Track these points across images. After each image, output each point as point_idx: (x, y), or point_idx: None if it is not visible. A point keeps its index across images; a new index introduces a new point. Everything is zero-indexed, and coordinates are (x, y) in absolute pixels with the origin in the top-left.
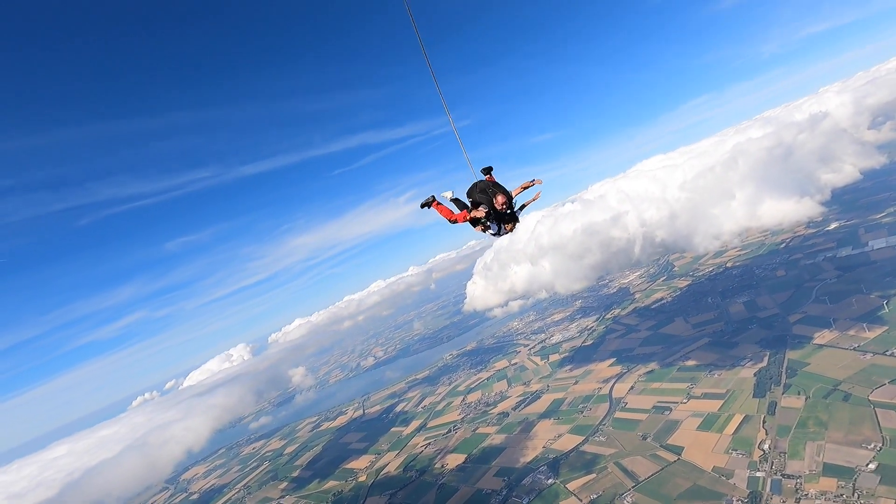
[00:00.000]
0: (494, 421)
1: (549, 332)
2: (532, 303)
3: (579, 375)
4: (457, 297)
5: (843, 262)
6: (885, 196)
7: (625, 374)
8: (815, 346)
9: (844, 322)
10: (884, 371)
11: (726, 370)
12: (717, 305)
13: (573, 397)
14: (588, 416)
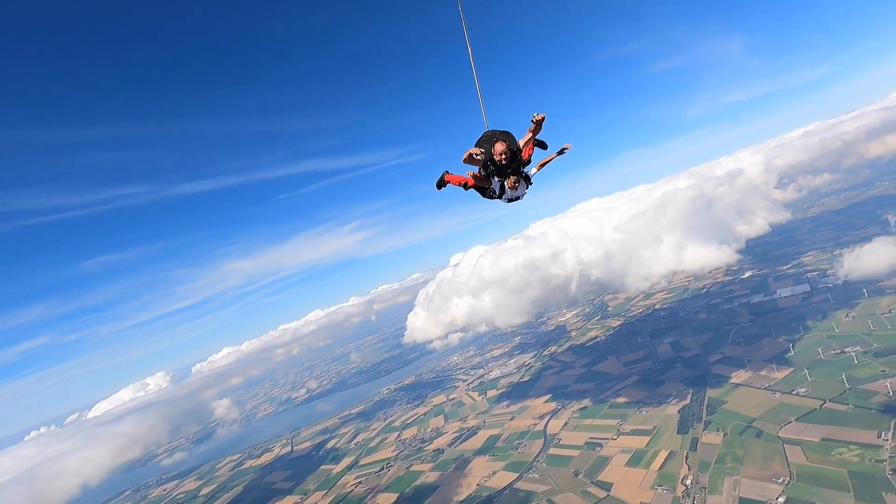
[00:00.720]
0: (429, 458)
1: (488, 367)
2: (472, 336)
3: (516, 411)
4: (398, 329)
5: (755, 307)
6: (789, 250)
7: (559, 411)
8: (732, 385)
9: (757, 363)
10: (790, 409)
11: (653, 407)
12: (646, 345)
13: (509, 433)
14: (523, 452)
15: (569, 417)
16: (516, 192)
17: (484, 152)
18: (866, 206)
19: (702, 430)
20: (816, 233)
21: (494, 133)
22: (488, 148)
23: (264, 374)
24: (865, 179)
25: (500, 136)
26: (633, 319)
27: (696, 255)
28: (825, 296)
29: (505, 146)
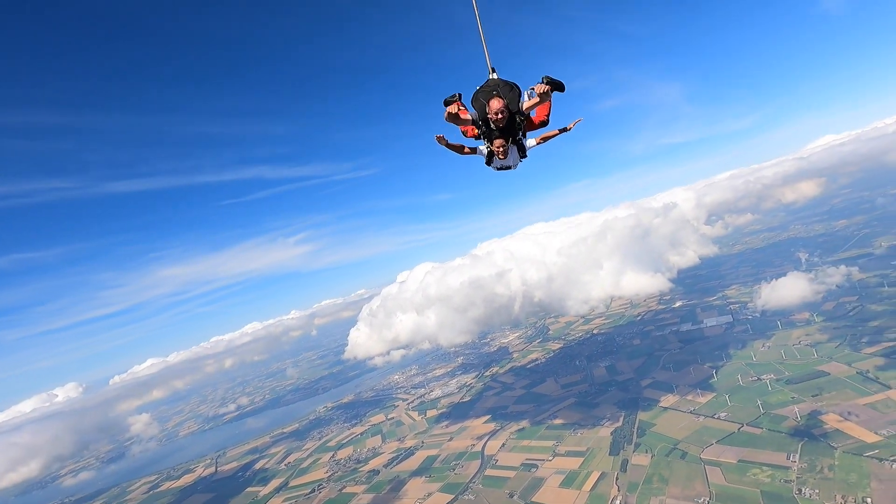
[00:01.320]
0: (364, 479)
1: (430, 386)
2: (415, 354)
3: (455, 432)
4: (339, 345)
5: (684, 335)
6: (715, 283)
7: (498, 432)
8: (661, 409)
9: (684, 388)
10: (712, 432)
11: (588, 429)
12: (583, 368)
13: (447, 454)
14: (460, 473)
15: (507, 438)
16: (507, 160)
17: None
18: (782, 247)
19: (632, 451)
20: (739, 268)
21: (497, 84)
22: (483, 104)
23: (191, 389)
24: (781, 222)
25: (503, 88)
26: (573, 343)
27: (633, 282)
28: (745, 327)
29: (503, 104)
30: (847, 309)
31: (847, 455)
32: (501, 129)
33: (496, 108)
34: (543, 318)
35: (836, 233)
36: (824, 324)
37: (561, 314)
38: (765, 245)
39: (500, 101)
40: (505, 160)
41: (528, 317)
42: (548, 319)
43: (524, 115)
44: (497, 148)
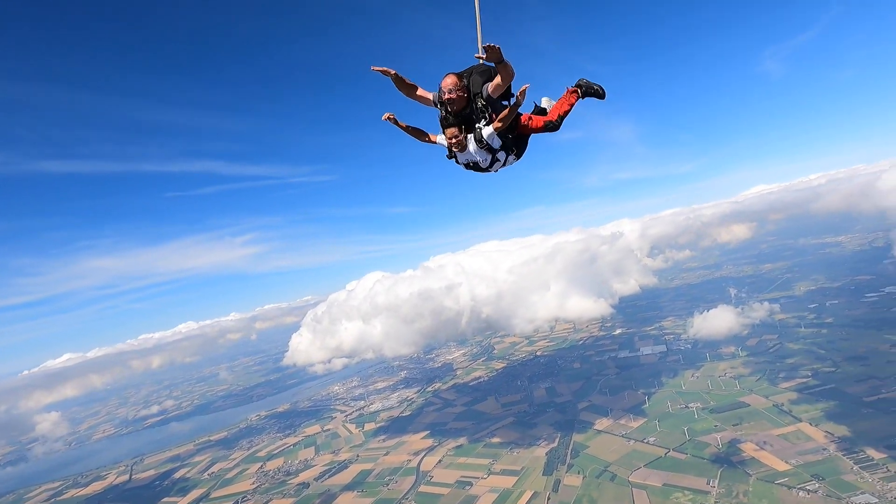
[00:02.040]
0: (292, 492)
1: (370, 399)
2: (357, 363)
3: (392, 446)
4: (280, 352)
5: (621, 362)
6: (653, 313)
7: (435, 448)
8: (595, 431)
9: (618, 412)
10: (641, 456)
11: (524, 448)
12: (524, 388)
13: (382, 469)
14: (393, 489)
15: (444, 455)
16: (472, 156)
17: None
18: (715, 284)
19: (565, 472)
20: (675, 301)
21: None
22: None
23: (111, 389)
24: (716, 261)
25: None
26: (516, 363)
27: (577, 305)
28: (678, 357)
29: (458, 82)
30: (768, 346)
31: (760, 482)
32: (457, 115)
33: (447, 84)
34: (489, 337)
35: (762, 275)
36: (747, 358)
37: (507, 332)
38: (700, 282)
39: (453, 77)
40: (469, 156)
41: (475, 333)
42: (493, 339)
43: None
44: (449, 139)
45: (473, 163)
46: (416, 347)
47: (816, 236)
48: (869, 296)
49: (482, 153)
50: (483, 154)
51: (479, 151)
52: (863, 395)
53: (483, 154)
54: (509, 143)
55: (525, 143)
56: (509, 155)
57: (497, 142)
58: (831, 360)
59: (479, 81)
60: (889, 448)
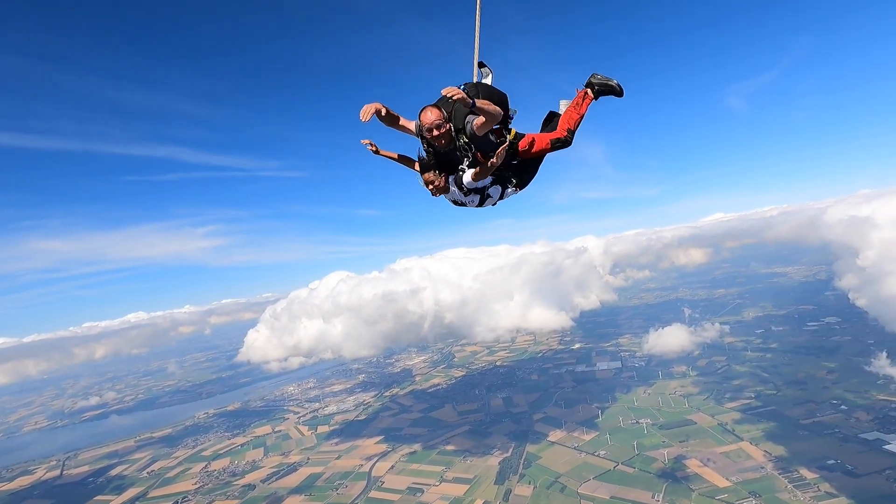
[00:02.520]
0: (237, 494)
1: (325, 401)
2: (314, 363)
3: (344, 450)
4: (235, 349)
5: (578, 376)
6: (611, 330)
7: (389, 453)
8: (549, 443)
9: (571, 425)
10: (591, 468)
11: (478, 457)
12: (482, 397)
13: (332, 473)
14: (343, 493)
15: (397, 460)
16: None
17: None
18: (671, 305)
19: (516, 482)
20: (633, 319)
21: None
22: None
23: (48, 378)
24: (673, 283)
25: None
26: (475, 372)
27: (539, 316)
28: (632, 373)
29: (440, 116)
30: (717, 367)
31: (702, 497)
32: (442, 152)
33: (429, 121)
34: (451, 344)
35: (715, 300)
36: (697, 378)
37: (468, 339)
38: (657, 302)
39: (434, 111)
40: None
41: (437, 338)
42: (454, 346)
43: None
44: (426, 182)
45: (460, 202)
46: (377, 350)
47: (766, 266)
48: (810, 324)
49: (469, 197)
50: (470, 196)
51: (463, 195)
52: (800, 417)
53: (470, 196)
54: (506, 175)
55: (532, 170)
56: (506, 188)
57: (486, 181)
58: (773, 384)
59: (462, 113)
60: (821, 469)
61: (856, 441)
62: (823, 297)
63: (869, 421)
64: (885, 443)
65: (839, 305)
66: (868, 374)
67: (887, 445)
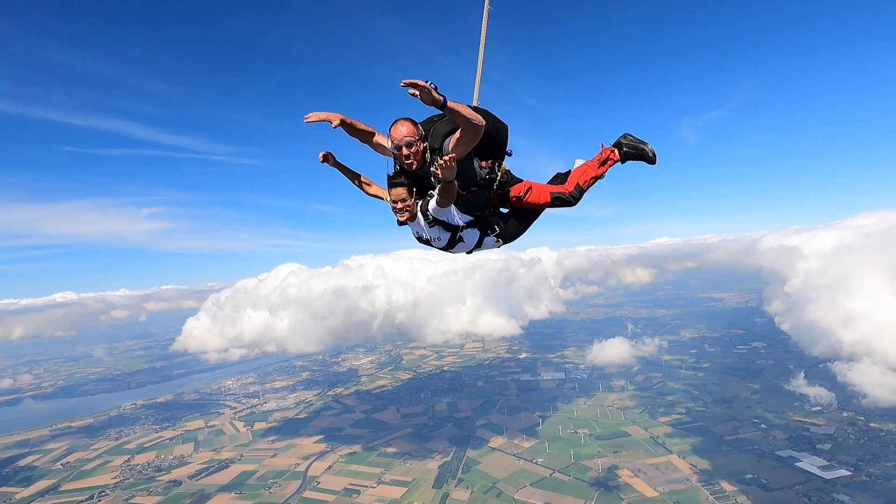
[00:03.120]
0: (160, 490)
1: (265, 398)
2: (257, 355)
3: (281, 448)
4: (171, 338)
5: (523, 384)
6: (558, 342)
7: (328, 453)
8: (489, 449)
9: (513, 432)
10: (528, 475)
11: (418, 460)
12: (426, 401)
13: (266, 471)
14: (275, 492)
15: (335, 461)
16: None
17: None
18: (616, 321)
19: (454, 486)
20: (579, 333)
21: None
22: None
23: None
24: (619, 301)
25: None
26: (422, 376)
27: (490, 323)
28: (574, 385)
29: (413, 132)
30: (653, 382)
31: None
32: (412, 174)
33: (399, 137)
34: (399, 347)
35: (656, 319)
36: (634, 392)
37: (418, 341)
38: (603, 318)
39: (407, 125)
40: (418, 229)
41: (386, 338)
42: (403, 349)
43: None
44: (392, 202)
45: (424, 239)
46: (323, 346)
47: (704, 291)
48: (739, 348)
49: (434, 230)
50: (435, 231)
51: (428, 228)
52: (725, 434)
53: (435, 231)
54: (487, 220)
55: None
56: (487, 235)
57: (459, 218)
58: (703, 401)
59: (442, 132)
60: (740, 482)
61: (772, 458)
62: (753, 323)
63: (784, 439)
64: (797, 460)
65: (766, 331)
66: (787, 396)
67: (798, 463)
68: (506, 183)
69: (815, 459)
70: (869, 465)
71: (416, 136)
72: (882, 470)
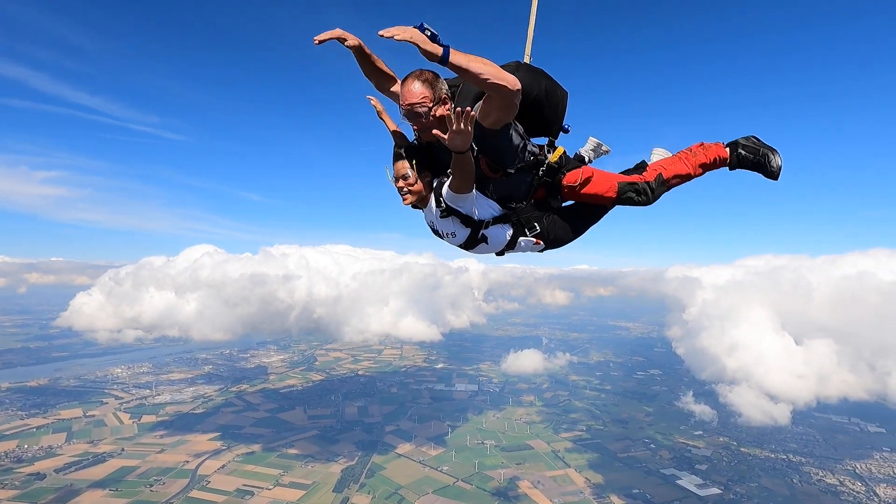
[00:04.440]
0: (18, 483)
1: (159, 389)
2: (155, 339)
3: (170, 444)
4: (55, 315)
5: (436, 394)
6: (475, 355)
7: (223, 452)
8: (396, 455)
9: (421, 439)
10: (432, 482)
11: (321, 463)
12: (337, 404)
13: (149, 467)
14: (157, 490)
15: (230, 460)
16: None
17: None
18: (533, 340)
19: (355, 490)
20: (496, 349)
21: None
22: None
23: None
24: (536, 321)
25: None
26: (335, 378)
27: (411, 326)
28: (486, 397)
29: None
30: (560, 400)
31: None
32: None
33: (408, 98)
34: (314, 347)
35: (569, 341)
36: (541, 408)
37: (335, 339)
38: (520, 336)
39: (419, 83)
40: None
41: (302, 332)
42: (318, 350)
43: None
44: (396, 177)
45: (438, 232)
46: (232, 335)
47: (614, 319)
48: (638, 373)
49: (448, 223)
50: (449, 224)
51: (440, 218)
52: (618, 451)
53: (449, 224)
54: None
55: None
56: (521, 236)
57: (483, 210)
58: (602, 420)
59: (471, 94)
60: (627, 496)
61: (657, 475)
62: (653, 352)
63: (669, 459)
64: (678, 478)
65: (664, 360)
66: (675, 420)
67: (678, 480)
68: (558, 168)
69: (693, 478)
70: (737, 484)
71: (430, 99)
72: (747, 490)
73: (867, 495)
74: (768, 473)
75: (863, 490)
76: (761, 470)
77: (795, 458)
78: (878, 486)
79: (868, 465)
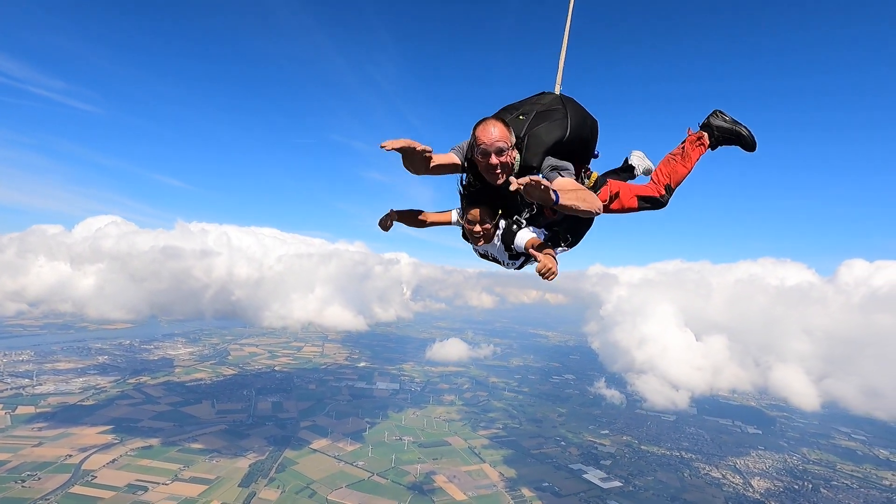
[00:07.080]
0: None
1: (41, 379)
2: (42, 314)
3: (50, 437)
4: None
5: (356, 391)
6: (398, 355)
7: (114, 446)
8: (310, 450)
9: (337, 435)
10: (346, 477)
11: (227, 458)
12: (249, 399)
13: (23, 462)
14: (31, 486)
15: (122, 454)
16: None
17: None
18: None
19: (264, 485)
20: (419, 350)
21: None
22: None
23: None
24: (461, 325)
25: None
26: (249, 373)
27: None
28: (407, 396)
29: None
30: (479, 400)
31: None
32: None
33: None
34: (228, 342)
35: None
36: (461, 407)
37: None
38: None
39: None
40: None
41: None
42: (232, 344)
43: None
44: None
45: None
46: (136, 315)
47: (534, 328)
48: (554, 378)
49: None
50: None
51: (507, 257)
52: (531, 448)
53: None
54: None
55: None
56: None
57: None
58: (518, 419)
59: (541, 144)
60: (537, 489)
61: (566, 470)
62: (568, 359)
63: (577, 455)
64: (584, 472)
65: (577, 365)
66: (585, 421)
67: (585, 474)
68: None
69: (598, 472)
70: (636, 478)
71: (508, 141)
72: (645, 482)
73: (744, 487)
74: (663, 468)
75: (741, 482)
76: (658, 465)
77: (687, 455)
78: (754, 479)
79: (746, 462)
